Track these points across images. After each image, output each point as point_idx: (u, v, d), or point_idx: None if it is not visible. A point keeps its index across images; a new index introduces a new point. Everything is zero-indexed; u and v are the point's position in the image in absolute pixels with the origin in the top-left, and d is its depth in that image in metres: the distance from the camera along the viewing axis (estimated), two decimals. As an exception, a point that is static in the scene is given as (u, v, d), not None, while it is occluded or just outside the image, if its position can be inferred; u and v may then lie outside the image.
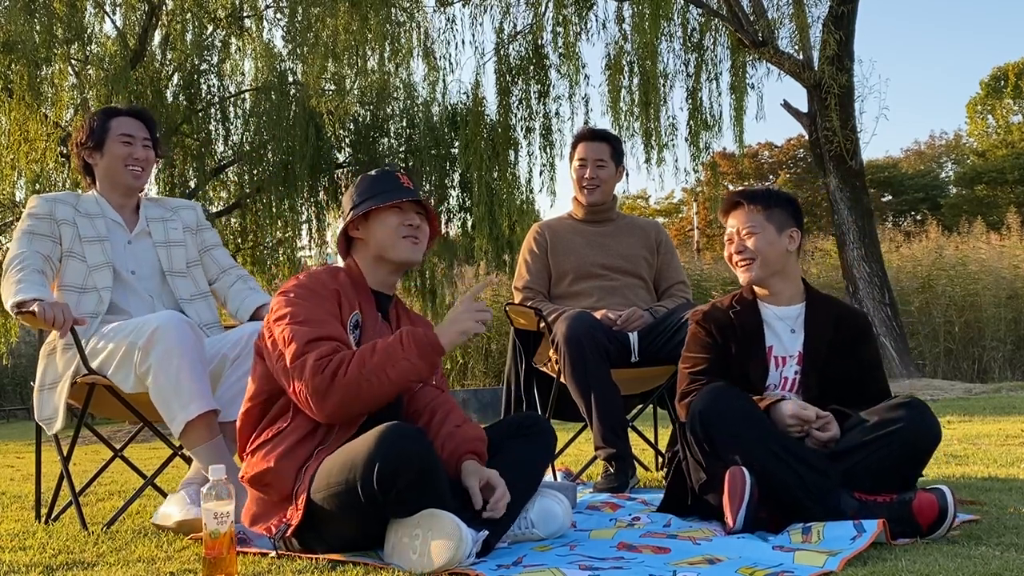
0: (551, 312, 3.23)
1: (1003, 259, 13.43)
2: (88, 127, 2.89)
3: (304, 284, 2.13)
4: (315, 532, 1.98)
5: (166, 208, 3.01)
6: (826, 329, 2.43)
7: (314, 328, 2.03)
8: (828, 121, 9.89)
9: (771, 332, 2.45)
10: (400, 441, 1.86)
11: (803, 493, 2.09)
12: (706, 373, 2.42)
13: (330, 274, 2.19)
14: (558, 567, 1.81)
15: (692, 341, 2.52)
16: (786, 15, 9.92)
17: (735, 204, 2.50)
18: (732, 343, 2.44)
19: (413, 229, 2.20)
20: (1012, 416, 5.75)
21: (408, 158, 12.12)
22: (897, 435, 2.13)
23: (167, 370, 2.43)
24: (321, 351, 1.99)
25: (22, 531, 2.60)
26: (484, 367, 13.72)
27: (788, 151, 30.42)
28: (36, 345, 3.06)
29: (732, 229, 2.49)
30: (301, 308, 2.07)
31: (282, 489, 2.02)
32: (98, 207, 2.87)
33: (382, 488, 1.83)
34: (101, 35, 11.68)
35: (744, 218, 2.46)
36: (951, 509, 1.96)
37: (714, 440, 2.20)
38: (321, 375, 1.96)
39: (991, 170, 27.64)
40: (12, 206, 12.36)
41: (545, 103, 11.19)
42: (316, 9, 10.59)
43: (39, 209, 2.80)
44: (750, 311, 2.48)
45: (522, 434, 2.21)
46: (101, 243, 2.80)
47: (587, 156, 3.40)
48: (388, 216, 2.19)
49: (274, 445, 2.05)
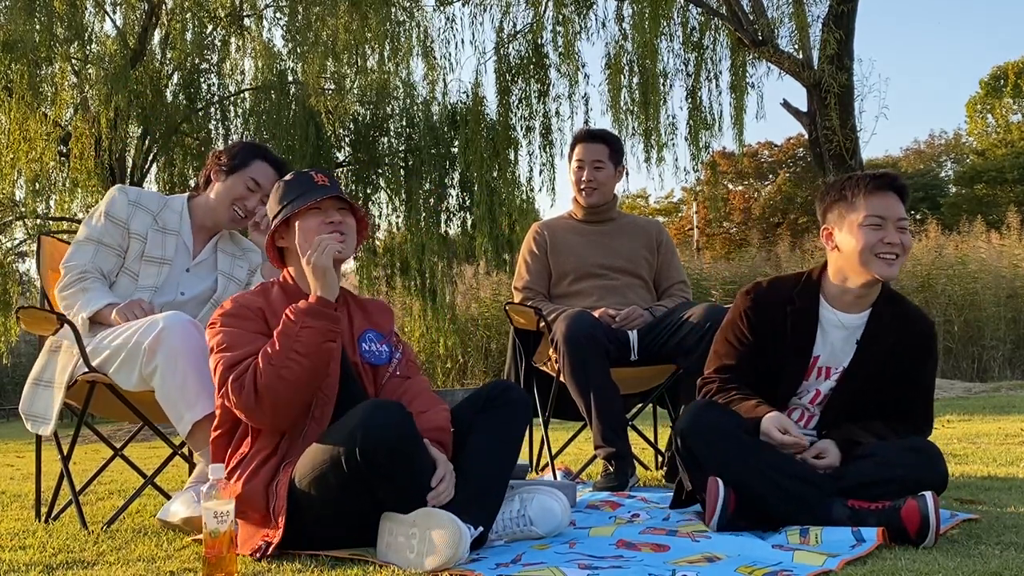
0: (551, 312, 3.23)
1: (1003, 258, 13.42)
2: (234, 150, 2.90)
3: (227, 312, 2.14)
4: (303, 538, 1.98)
5: (237, 246, 3.02)
6: (887, 340, 2.26)
7: (234, 352, 2.05)
8: (828, 120, 9.88)
9: (823, 340, 2.28)
10: (380, 412, 1.89)
11: (789, 506, 2.08)
12: (735, 366, 2.33)
13: (258, 293, 2.20)
14: (557, 566, 1.81)
15: (731, 327, 2.35)
16: (786, 14, 9.91)
17: (891, 188, 2.22)
18: (775, 341, 2.28)
19: (336, 225, 2.16)
20: (1012, 415, 5.75)
21: (408, 157, 12.12)
22: (900, 481, 2.07)
23: (173, 371, 2.43)
24: (237, 371, 2.02)
25: (22, 530, 2.60)
26: (484, 367, 13.72)
27: (788, 150, 30.39)
28: (36, 345, 3.06)
29: (885, 215, 2.19)
30: (224, 335, 2.09)
31: (258, 510, 2.02)
32: (179, 221, 2.87)
33: (366, 459, 1.85)
34: (101, 34, 11.70)
35: (901, 209, 2.21)
36: (932, 516, 1.92)
37: (696, 458, 2.20)
38: (244, 390, 1.99)
39: (991, 169, 27.62)
40: (12, 205, 12.36)
41: (545, 102, 11.19)
42: (316, 8, 10.59)
43: (118, 212, 2.80)
44: (808, 313, 2.28)
45: (492, 406, 2.17)
46: (159, 266, 2.81)
47: (584, 158, 3.39)
48: (308, 219, 2.16)
49: (241, 471, 2.07)
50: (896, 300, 2.34)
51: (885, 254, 2.19)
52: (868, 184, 2.22)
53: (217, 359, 2.07)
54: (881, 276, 2.21)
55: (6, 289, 12.41)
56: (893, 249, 2.19)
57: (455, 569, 1.80)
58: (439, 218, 12.21)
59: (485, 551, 2.00)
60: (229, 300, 2.20)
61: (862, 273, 2.23)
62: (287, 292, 2.20)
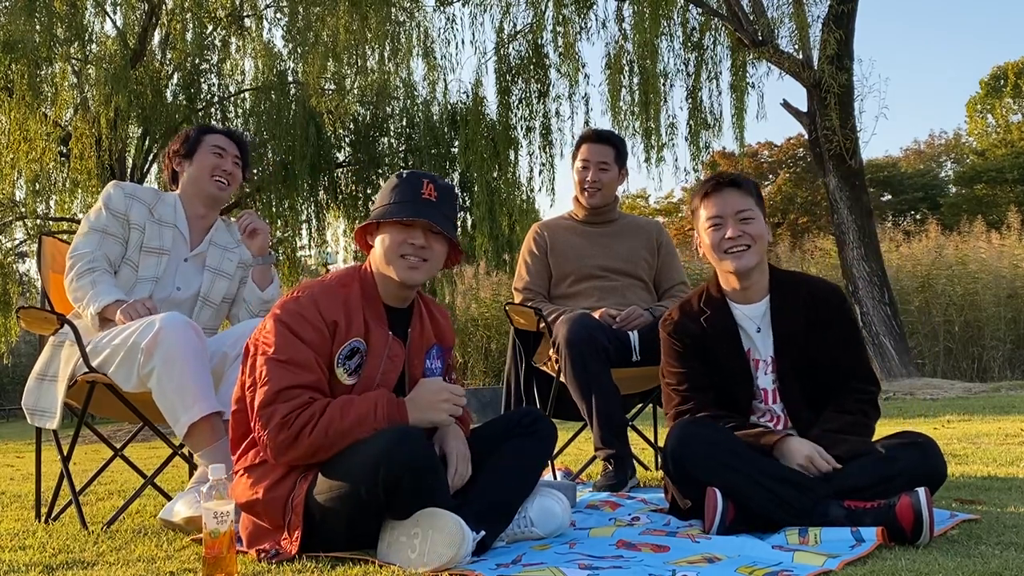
0: (551, 312, 3.23)
1: (1003, 258, 13.41)
2: (183, 137, 2.97)
3: (297, 311, 2.00)
4: (308, 541, 1.98)
5: (233, 237, 3.02)
6: (796, 320, 2.32)
7: (291, 373, 1.95)
8: (828, 120, 9.88)
9: (745, 334, 2.35)
10: (403, 445, 1.86)
11: (785, 512, 2.08)
12: (691, 389, 2.36)
13: (342, 283, 2.08)
14: (557, 566, 1.81)
15: (667, 354, 2.43)
16: (786, 14, 9.92)
17: (723, 186, 2.33)
18: (708, 352, 2.35)
19: (416, 249, 2.07)
20: (1012, 415, 5.75)
21: (408, 157, 12.13)
22: (899, 479, 2.09)
23: (171, 372, 2.43)
24: (292, 404, 1.93)
25: (22, 530, 2.60)
26: (484, 366, 13.73)
27: (788, 150, 30.40)
28: (36, 345, 3.07)
29: (721, 212, 2.32)
30: (285, 342, 1.97)
31: (274, 518, 2.01)
32: (174, 214, 2.90)
33: (387, 492, 1.85)
34: (101, 35, 11.71)
35: (739, 202, 2.31)
36: (925, 512, 1.93)
37: (689, 475, 2.20)
38: (287, 431, 1.92)
39: (991, 169, 27.62)
40: (12, 205, 12.36)
41: (545, 102, 11.21)
42: (316, 9, 10.60)
43: (116, 204, 2.83)
44: (721, 313, 2.36)
45: (521, 433, 2.18)
46: (159, 256, 2.83)
47: (590, 158, 3.39)
48: (393, 231, 2.07)
49: (260, 476, 2.03)
50: (791, 278, 2.42)
51: (731, 248, 2.30)
52: (702, 188, 2.38)
53: (271, 369, 1.96)
54: (736, 270, 2.31)
55: (6, 289, 12.42)
56: (736, 242, 2.29)
57: (456, 570, 1.80)
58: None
59: (485, 551, 2.00)
60: (305, 291, 2.06)
61: (725, 268, 2.35)
62: (366, 296, 2.09)
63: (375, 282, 2.12)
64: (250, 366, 2.03)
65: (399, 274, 2.07)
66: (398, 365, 2.11)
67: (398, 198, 2.08)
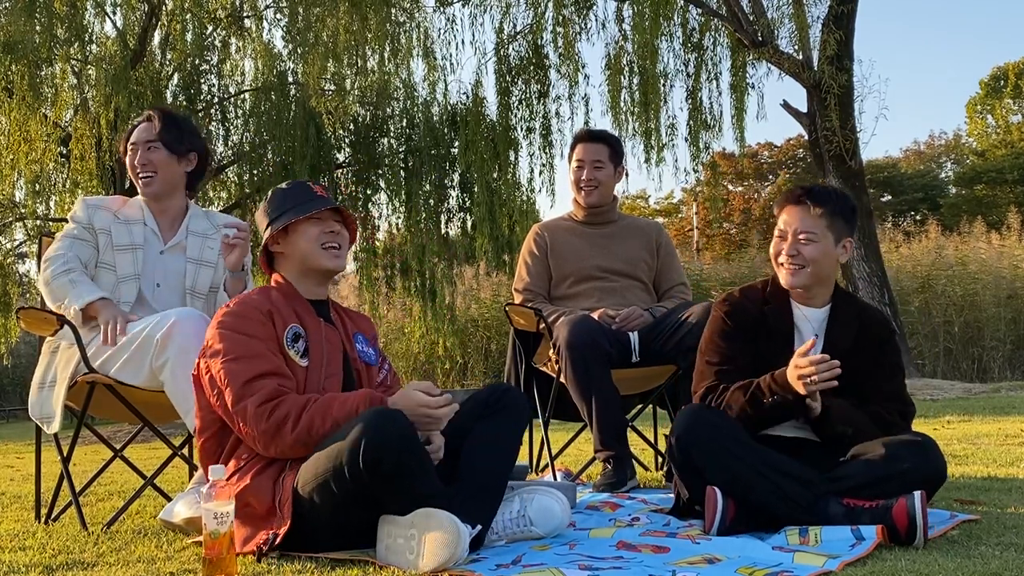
0: (551, 313, 3.23)
1: (1003, 259, 13.43)
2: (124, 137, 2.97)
3: (235, 312, 2.14)
4: (304, 538, 1.98)
5: (211, 224, 3.00)
6: (847, 334, 2.35)
7: (249, 365, 2.04)
8: (828, 121, 9.88)
9: (799, 335, 2.36)
10: (383, 422, 1.90)
11: (786, 505, 2.09)
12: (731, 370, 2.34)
13: (262, 294, 2.21)
14: (557, 566, 1.81)
15: (715, 331, 2.40)
16: (786, 15, 9.91)
17: (798, 200, 2.34)
18: (758, 341, 2.35)
19: (334, 236, 2.24)
20: (1011, 416, 5.75)
21: (408, 158, 12.11)
22: (899, 478, 2.08)
23: (185, 365, 2.44)
24: (262, 395, 2.01)
25: (22, 531, 2.60)
26: (484, 367, 13.74)
27: (788, 151, 30.41)
28: (36, 345, 3.07)
29: (787, 227, 2.34)
30: (233, 343, 2.08)
31: (264, 501, 2.03)
32: (141, 212, 2.91)
33: (369, 469, 1.86)
34: (101, 35, 11.69)
35: (805, 221, 2.31)
36: (919, 517, 1.93)
37: (694, 462, 2.21)
38: (266, 422, 1.99)
39: (991, 170, 27.62)
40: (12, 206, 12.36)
41: (545, 103, 11.20)
42: (316, 9, 10.59)
43: (79, 215, 2.87)
44: (783, 311, 2.37)
45: (490, 412, 2.18)
46: (133, 251, 2.83)
47: (584, 157, 3.39)
48: (307, 227, 2.22)
49: (246, 468, 2.08)
50: (851, 298, 2.47)
51: (784, 264, 2.34)
52: (784, 197, 2.41)
53: (228, 369, 2.05)
54: (785, 284, 2.35)
55: (6, 290, 12.41)
56: (791, 261, 2.32)
57: (455, 569, 1.80)
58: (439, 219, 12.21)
59: (485, 551, 2.00)
60: (234, 300, 2.21)
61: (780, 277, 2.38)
62: (286, 295, 2.23)
63: (290, 286, 2.25)
64: (208, 383, 2.10)
65: (328, 263, 2.23)
66: (338, 347, 2.23)
67: (294, 202, 2.24)
